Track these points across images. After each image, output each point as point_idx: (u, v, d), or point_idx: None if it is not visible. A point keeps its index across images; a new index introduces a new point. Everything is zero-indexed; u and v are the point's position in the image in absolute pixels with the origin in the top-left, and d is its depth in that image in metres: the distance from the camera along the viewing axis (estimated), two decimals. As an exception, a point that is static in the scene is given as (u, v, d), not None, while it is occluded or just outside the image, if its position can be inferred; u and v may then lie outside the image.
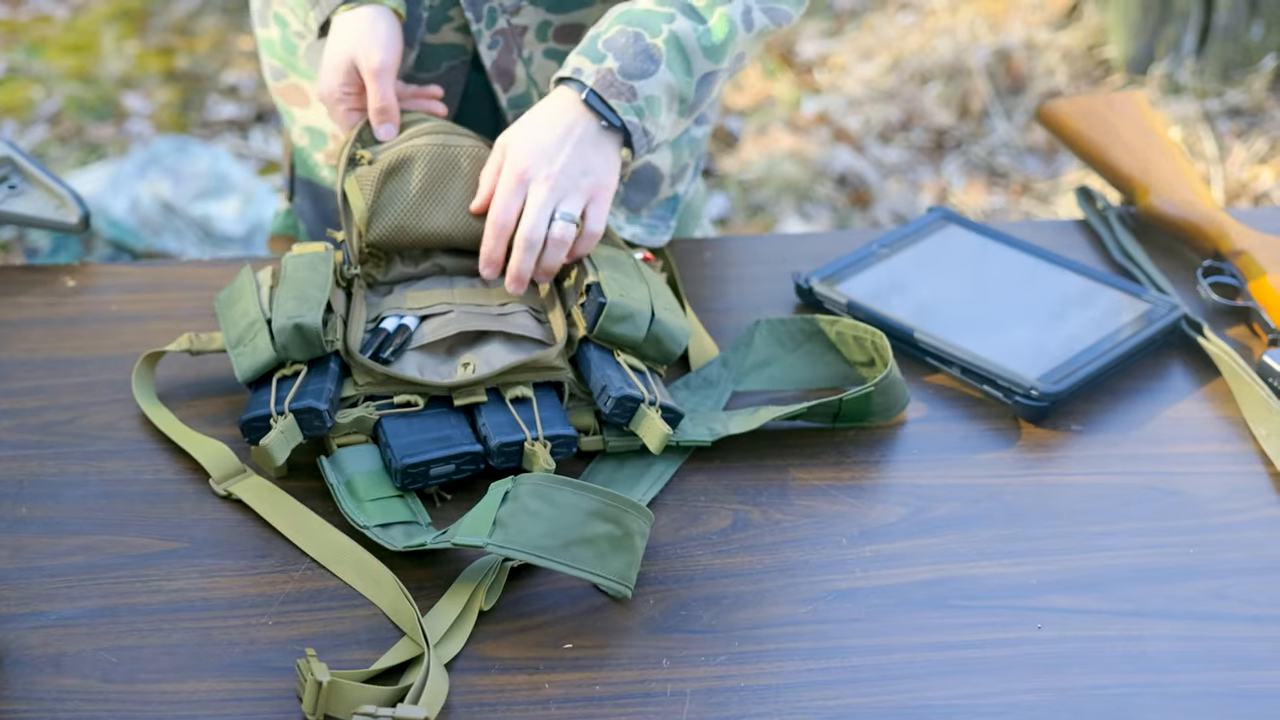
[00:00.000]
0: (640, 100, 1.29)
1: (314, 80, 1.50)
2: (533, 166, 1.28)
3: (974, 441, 1.29)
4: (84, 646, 1.07)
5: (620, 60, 1.29)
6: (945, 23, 3.76)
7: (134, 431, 1.28)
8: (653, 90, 1.30)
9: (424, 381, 1.25)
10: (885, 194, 3.23)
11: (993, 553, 1.18)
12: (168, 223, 3.05)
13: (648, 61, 1.29)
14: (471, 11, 1.40)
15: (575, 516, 1.10)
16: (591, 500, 1.11)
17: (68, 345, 1.39)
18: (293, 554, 1.16)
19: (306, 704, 1.01)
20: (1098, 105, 1.62)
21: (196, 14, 4.05)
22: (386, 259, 1.37)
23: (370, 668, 1.05)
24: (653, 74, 1.29)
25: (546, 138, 1.29)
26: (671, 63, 1.30)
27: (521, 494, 1.10)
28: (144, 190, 3.07)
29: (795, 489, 1.24)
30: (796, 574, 1.16)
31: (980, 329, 1.36)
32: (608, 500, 1.11)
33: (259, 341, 1.26)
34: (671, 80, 1.31)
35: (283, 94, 1.56)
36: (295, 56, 1.51)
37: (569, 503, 1.10)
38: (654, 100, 1.30)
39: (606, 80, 1.28)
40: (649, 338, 1.29)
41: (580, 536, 1.10)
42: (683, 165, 1.55)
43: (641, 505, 1.12)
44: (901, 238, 1.50)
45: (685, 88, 1.32)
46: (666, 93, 1.31)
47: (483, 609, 1.11)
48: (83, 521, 1.19)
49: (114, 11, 4.05)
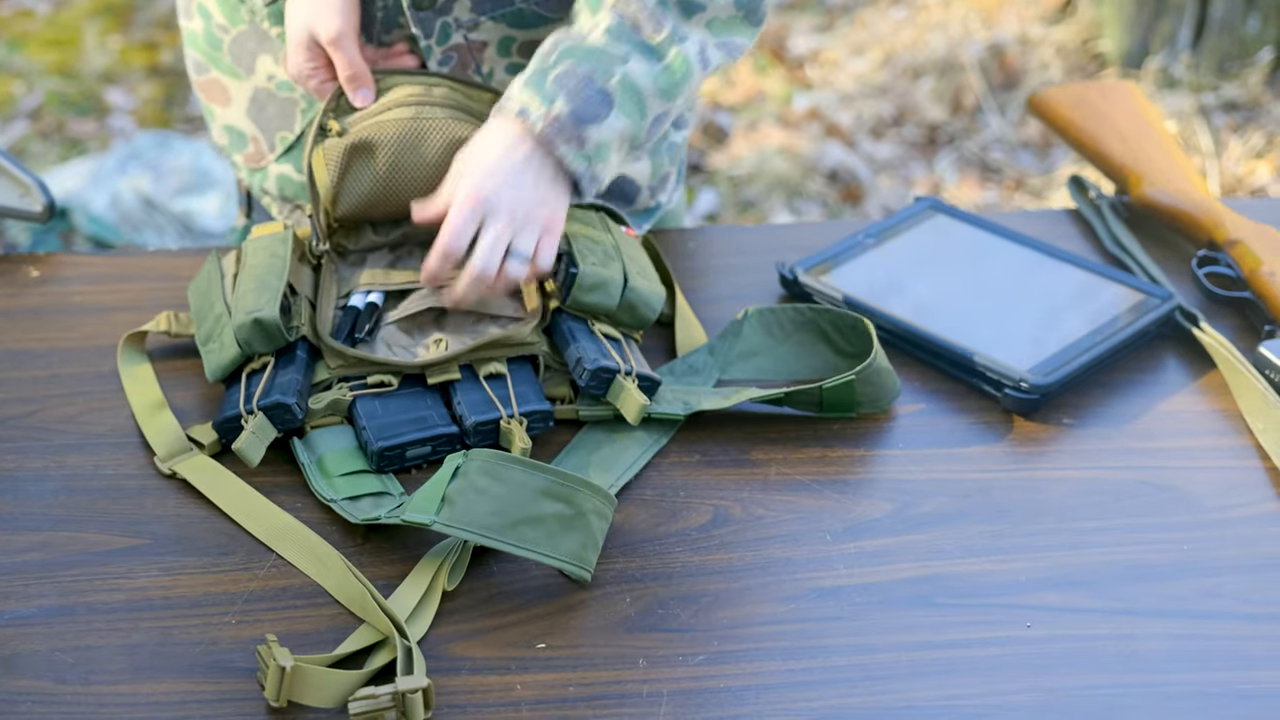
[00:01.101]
0: (590, 148, 1.24)
1: (236, 77, 1.45)
2: (493, 197, 1.23)
3: (962, 435, 1.26)
4: (39, 647, 1.03)
5: (572, 104, 1.23)
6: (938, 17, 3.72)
7: (96, 425, 1.24)
8: (604, 136, 1.24)
9: (397, 361, 1.22)
10: (877, 190, 3.19)
11: (981, 549, 1.14)
12: (148, 218, 3.01)
13: (601, 106, 1.23)
14: (420, 28, 1.35)
15: (523, 495, 1.07)
16: (541, 478, 1.08)
17: (29, 337, 1.35)
18: (257, 551, 1.12)
19: (269, 690, 0.97)
20: (1090, 93, 1.59)
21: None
22: (356, 228, 1.34)
23: (333, 652, 1.02)
24: (605, 119, 1.23)
25: (507, 167, 1.23)
26: (624, 106, 1.24)
27: (470, 471, 1.08)
28: (125, 186, 3.03)
29: (778, 483, 1.20)
30: (778, 571, 1.12)
31: (970, 320, 1.33)
32: (558, 479, 1.08)
33: (225, 337, 1.23)
34: (624, 125, 1.25)
35: (204, 89, 1.50)
36: (219, 51, 1.45)
37: (517, 480, 1.07)
38: (605, 146, 1.25)
39: (556, 126, 1.22)
40: (623, 305, 1.26)
41: (527, 515, 1.07)
42: (663, 175, 1.50)
43: (597, 485, 1.09)
44: (889, 228, 1.46)
45: (638, 131, 1.27)
46: (618, 137, 1.25)
47: (446, 590, 1.08)
48: (40, 518, 1.15)
49: (97, 6, 4.02)
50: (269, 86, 1.43)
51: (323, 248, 1.32)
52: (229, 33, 1.43)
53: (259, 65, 1.42)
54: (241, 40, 1.43)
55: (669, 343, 1.36)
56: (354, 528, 1.14)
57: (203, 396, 1.28)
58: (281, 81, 1.42)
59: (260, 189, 1.49)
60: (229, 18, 1.42)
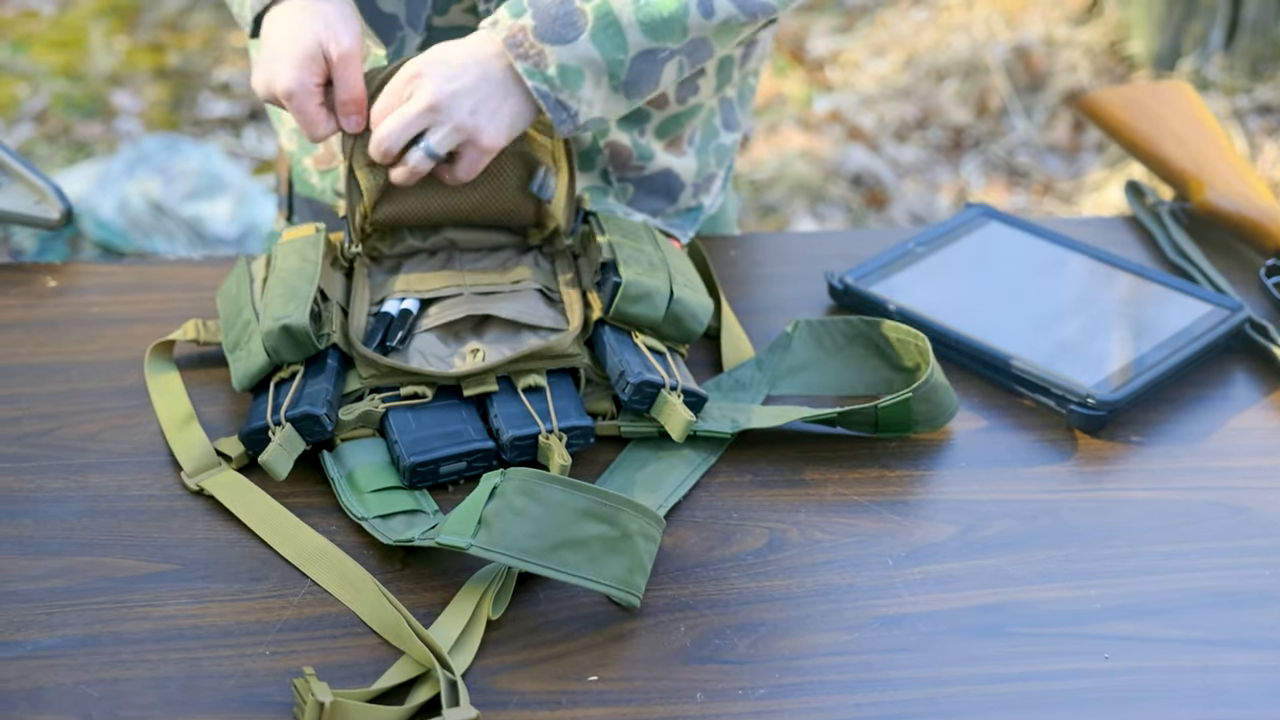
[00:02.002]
0: (551, 69, 1.18)
1: None
2: (427, 74, 1.18)
3: (1026, 454, 1.20)
4: (63, 679, 0.98)
5: (538, 20, 1.18)
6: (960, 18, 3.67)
7: (118, 443, 1.19)
8: (567, 60, 1.18)
9: (431, 372, 1.17)
10: (902, 194, 3.13)
11: (1051, 575, 1.08)
12: (158, 223, 2.96)
13: (567, 28, 1.18)
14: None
15: (563, 516, 1.01)
16: (582, 498, 1.02)
17: (47, 350, 1.30)
18: (291, 577, 1.06)
19: None
20: (1142, 95, 1.53)
21: (187, 10, 3.96)
22: (393, 232, 1.29)
23: (372, 686, 0.96)
24: (571, 41, 1.18)
25: (456, 59, 1.19)
26: (597, 34, 1.19)
27: (508, 491, 1.02)
28: (133, 190, 2.97)
29: (835, 505, 1.14)
30: (839, 598, 1.06)
31: (1029, 333, 1.27)
32: (600, 499, 1.02)
33: (253, 345, 1.18)
34: (594, 54, 1.19)
35: None
36: None
37: (557, 501, 1.02)
38: (570, 71, 1.19)
39: (517, 39, 1.18)
40: (668, 317, 1.21)
41: (569, 538, 1.01)
42: (708, 174, 1.44)
43: (643, 505, 1.04)
44: (940, 236, 1.41)
45: (615, 64, 1.20)
46: (589, 66, 1.19)
47: (490, 619, 1.03)
48: (63, 542, 1.09)
49: (102, 7, 3.96)
50: None
51: (355, 250, 1.27)
52: None
53: None
54: None
55: (714, 356, 1.30)
56: (391, 551, 1.09)
57: (232, 408, 1.22)
58: None
59: (333, 190, 1.44)
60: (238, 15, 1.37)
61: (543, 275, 1.27)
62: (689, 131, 1.40)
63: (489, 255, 1.29)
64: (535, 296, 1.24)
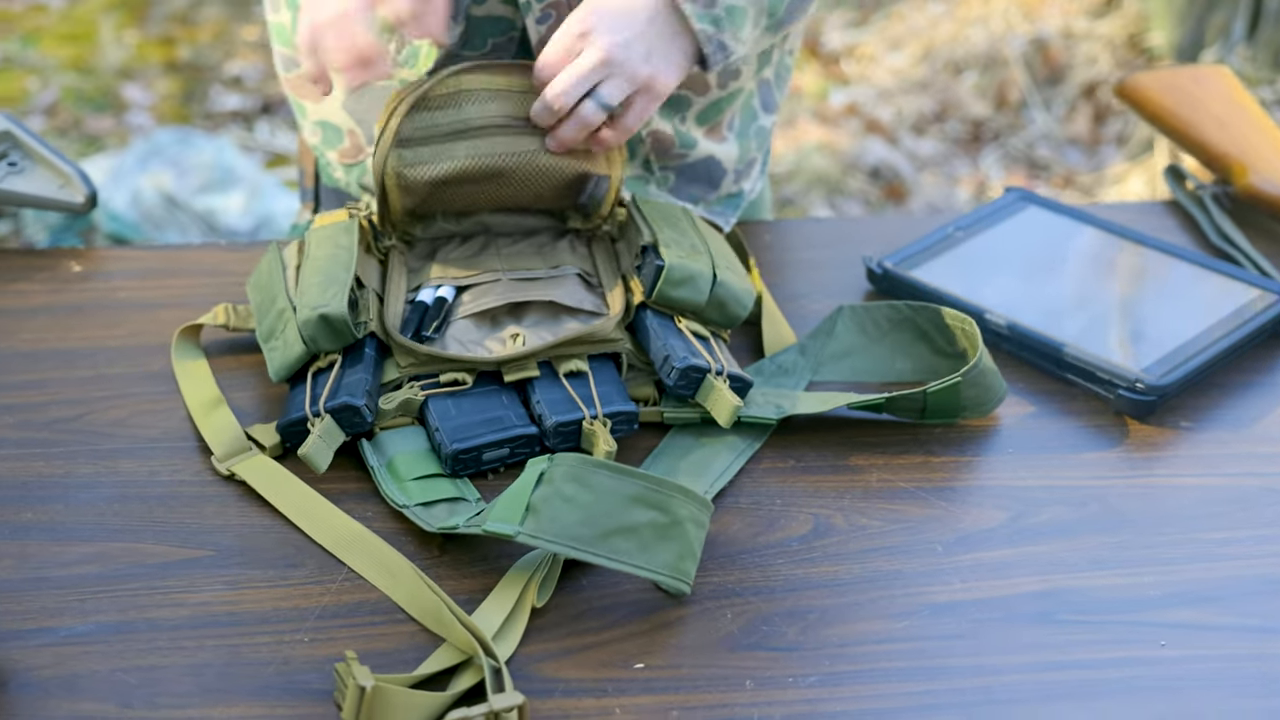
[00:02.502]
0: (719, 8, 1.17)
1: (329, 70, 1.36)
2: (597, 29, 1.16)
3: (1073, 440, 1.18)
4: (98, 666, 0.95)
5: None
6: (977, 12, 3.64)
7: (148, 428, 1.16)
8: (734, 0, 1.18)
9: (471, 358, 1.15)
10: (920, 187, 3.11)
11: (1104, 561, 1.06)
12: (171, 216, 2.93)
13: None
14: None
15: (614, 502, 0.99)
16: (632, 484, 0.99)
17: (74, 335, 1.27)
18: (328, 563, 1.04)
19: (348, 712, 0.89)
20: (1182, 79, 1.51)
21: (198, 3, 3.94)
22: (426, 216, 1.27)
23: (414, 672, 0.94)
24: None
25: (623, 6, 1.17)
26: None
27: (556, 477, 0.99)
28: (145, 183, 2.95)
29: (880, 491, 1.12)
30: (888, 585, 1.04)
31: (1074, 317, 1.25)
32: (651, 485, 0.99)
33: (289, 334, 1.15)
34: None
35: (294, 86, 1.42)
36: None
37: (607, 487, 0.99)
38: (736, 11, 1.18)
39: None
40: (711, 301, 1.18)
41: (619, 525, 0.98)
42: (749, 159, 1.42)
43: (692, 490, 1.01)
44: (979, 220, 1.38)
45: (776, 2, 1.20)
46: (753, 5, 1.18)
47: (535, 606, 1.00)
48: (94, 528, 1.07)
49: (112, 1, 3.94)
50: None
51: (389, 242, 1.24)
52: None
53: None
54: None
55: (754, 342, 1.28)
56: (429, 538, 1.06)
57: (263, 396, 1.20)
58: None
59: (358, 184, 1.41)
60: None
61: (580, 259, 1.25)
62: (728, 117, 1.38)
63: (525, 239, 1.27)
64: (575, 281, 1.22)
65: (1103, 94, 3.36)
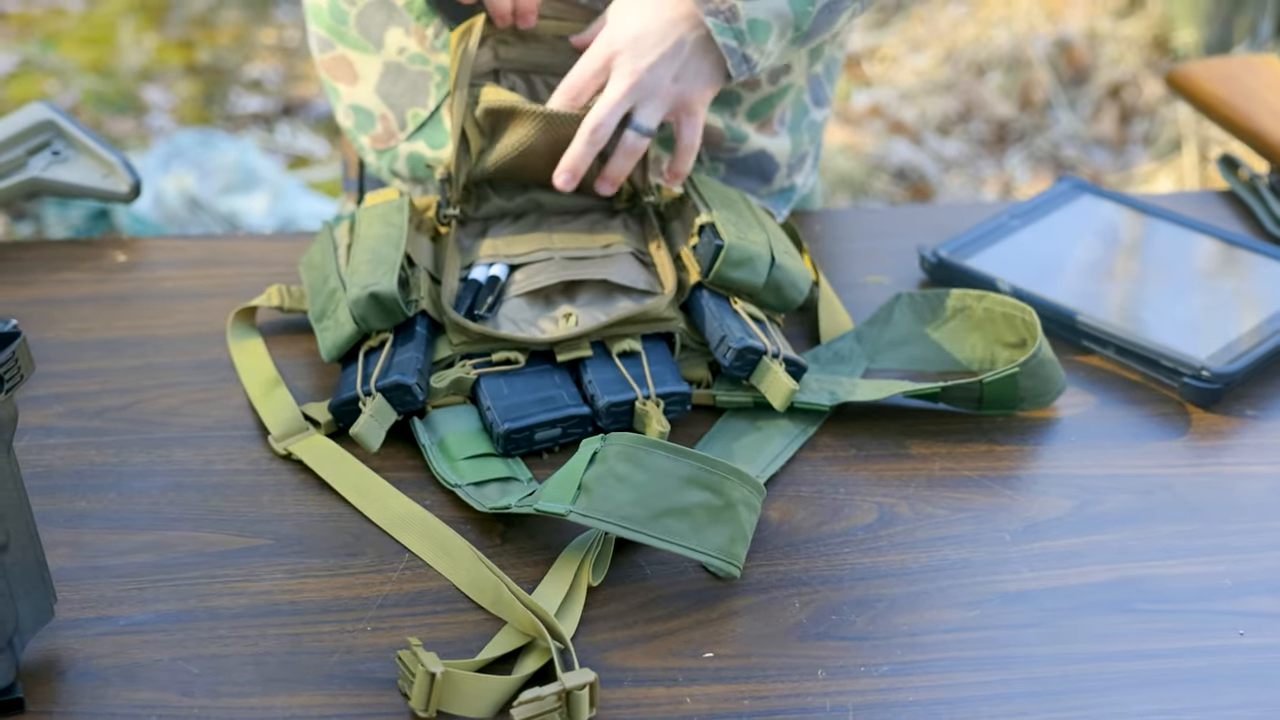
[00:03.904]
0: (742, 23, 1.16)
1: (364, 52, 1.35)
2: (623, 53, 1.17)
3: (1137, 428, 1.16)
4: (159, 655, 0.94)
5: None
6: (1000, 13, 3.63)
7: (200, 417, 1.15)
8: (759, 14, 1.17)
9: (524, 338, 1.13)
10: (946, 188, 3.09)
11: (1177, 550, 1.04)
12: (194, 217, 2.92)
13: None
14: None
15: (667, 483, 0.97)
16: (686, 465, 0.98)
17: (121, 324, 1.26)
18: (388, 552, 1.03)
19: (416, 700, 0.88)
20: (1234, 68, 1.49)
21: (217, 6, 3.93)
22: (478, 193, 1.25)
23: (478, 656, 0.93)
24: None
25: (650, 25, 1.17)
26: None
27: (610, 456, 0.98)
28: (168, 184, 2.94)
29: (944, 479, 1.11)
30: (957, 574, 1.02)
31: (1135, 305, 1.23)
32: (705, 465, 0.98)
33: (340, 314, 1.14)
34: (784, 7, 1.17)
35: (328, 68, 1.41)
36: (345, 25, 1.36)
37: (661, 468, 0.97)
38: (759, 25, 1.17)
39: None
40: (769, 284, 1.17)
41: (673, 506, 0.97)
42: (801, 153, 1.40)
43: (746, 473, 0.99)
44: (1033, 208, 1.37)
45: (801, 16, 1.19)
46: (778, 19, 1.18)
47: (591, 585, 0.99)
48: (150, 516, 1.05)
49: (131, 4, 3.93)
50: (400, 60, 1.34)
51: (452, 212, 1.23)
52: (355, 4, 1.34)
53: (388, 38, 1.33)
54: (369, 11, 1.33)
55: (809, 329, 1.26)
56: (490, 525, 1.05)
57: (318, 381, 1.19)
58: (414, 54, 1.33)
59: (389, 170, 1.40)
60: None
61: (633, 238, 1.23)
62: (780, 111, 1.36)
63: (577, 218, 1.26)
64: (629, 259, 1.20)
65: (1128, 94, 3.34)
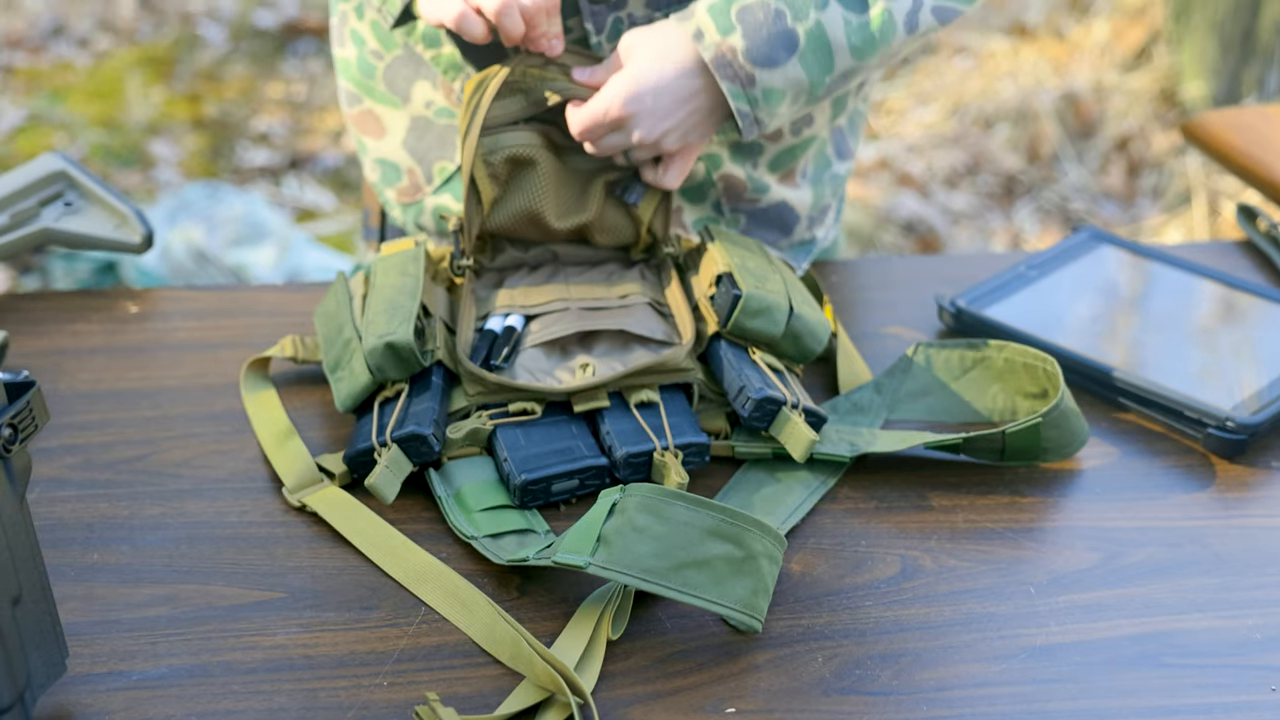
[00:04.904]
0: (758, 90, 1.16)
1: (392, 106, 1.35)
2: (638, 117, 1.18)
3: (1162, 480, 1.15)
4: (173, 710, 0.92)
5: (749, 40, 1.15)
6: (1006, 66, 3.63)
7: (214, 469, 1.14)
8: (775, 83, 1.17)
9: (541, 388, 1.12)
10: (955, 240, 3.09)
11: (1205, 604, 1.03)
12: (201, 270, 2.91)
13: (780, 49, 1.16)
14: (593, 22, 1.24)
15: (688, 535, 0.95)
16: (706, 516, 0.96)
17: (134, 375, 1.25)
18: (404, 605, 1.01)
19: None
20: (1250, 117, 1.49)
21: (224, 61, 3.94)
22: (494, 243, 1.25)
23: (495, 713, 0.91)
24: (781, 64, 1.16)
25: (666, 82, 1.17)
26: (807, 57, 1.16)
27: (629, 507, 0.96)
28: (175, 238, 2.93)
29: (967, 532, 1.09)
30: (982, 627, 1.01)
31: (1156, 355, 1.22)
32: (726, 516, 0.96)
33: (355, 364, 1.13)
34: (801, 77, 1.17)
35: (356, 122, 1.41)
36: (372, 79, 1.36)
37: (681, 519, 0.96)
38: (774, 94, 1.17)
39: (725, 59, 1.16)
40: (787, 333, 1.16)
41: (693, 558, 0.95)
42: (823, 206, 1.40)
43: (767, 525, 0.98)
44: (1051, 259, 1.36)
45: (817, 85, 1.19)
46: (792, 87, 1.18)
47: (610, 638, 0.97)
48: (162, 569, 1.04)
49: (139, 58, 3.94)
50: (427, 114, 1.33)
51: (466, 262, 1.22)
52: (383, 59, 1.34)
53: (415, 92, 1.33)
54: (396, 66, 1.33)
55: (827, 380, 1.25)
56: (507, 577, 1.03)
57: (332, 432, 1.17)
58: (440, 108, 1.32)
59: (415, 224, 1.39)
60: (383, 43, 1.33)
61: (650, 288, 1.22)
62: (802, 164, 1.36)
63: (593, 268, 1.25)
64: (646, 309, 1.19)
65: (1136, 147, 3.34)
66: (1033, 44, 3.78)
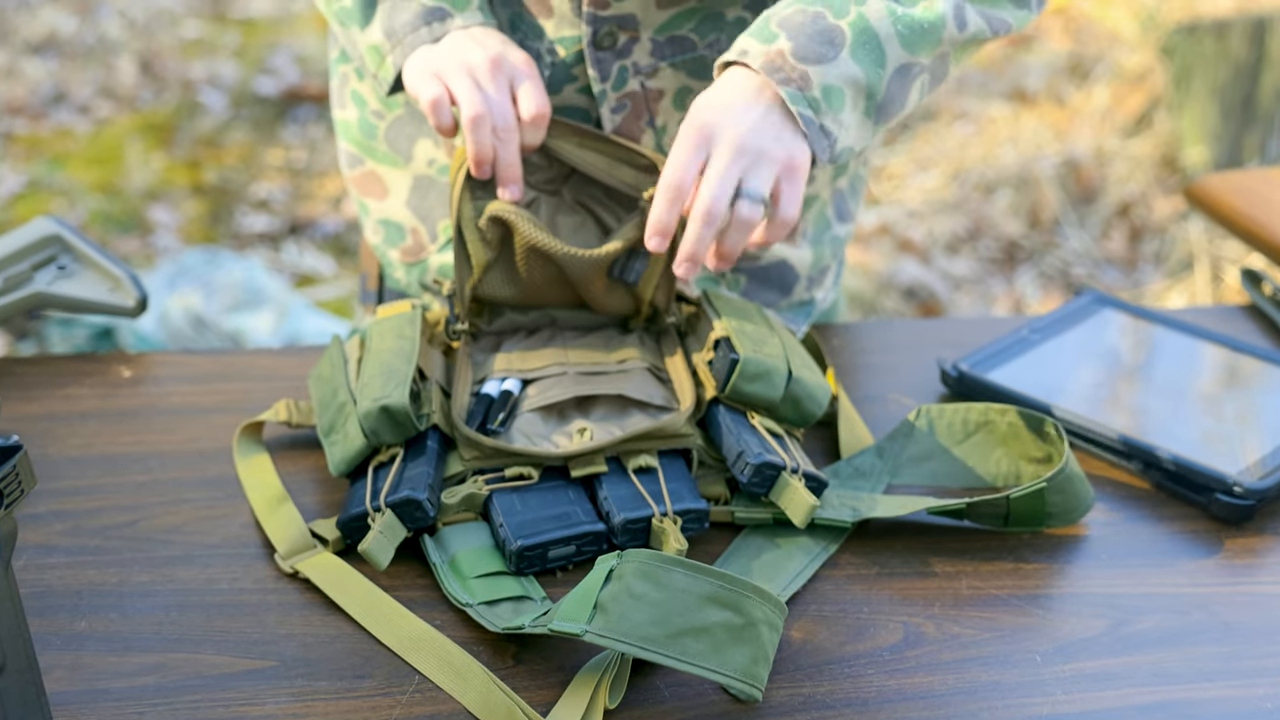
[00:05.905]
0: (816, 90, 1.11)
1: (394, 165, 1.35)
2: (717, 123, 1.11)
3: (1168, 546, 1.13)
4: (159, 783, 0.90)
5: (794, 41, 1.11)
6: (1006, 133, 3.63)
7: (205, 535, 1.12)
8: (831, 80, 1.12)
9: (538, 452, 1.11)
10: (956, 306, 3.08)
11: (1215, 673, 1.01)
12: (199, 336, 2.90)
13: (826, 45, 1.12)
14: (597, 70, 1.24)
15: (686, 601, 0.93)
16: (705, 583, 0.94)
17: (125, 440, 1.23)
18: (397, 674, 0.99)
19: None
20: (1253, 180, 1.48)
21: (224, 127, 3.95)
22: (492, 307, 1.23)
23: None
24: (831, 60, 1.11)
25: (734, 99, 1.11)
26: (856, 50, 1.12)
27: (626, 574, 0.94)
28: (173, 303, 2.93)
29: (971, 599, 1.07)
30: (987, 696, 0.99)
31: (1160, 420, 1.21)
32: (725, 583, 0.94)
33: (350, 427, 1.11)
34: (856, 71, 1.12)
35: (358, 183, 1.40)
36: (374, 140, 1.35)
37: (679, 586, 0.94)
38: (833, 92, 1.12)
39: (775, 63, 1.11)
40: (786, 397, 1.14)
41: (692, 625, 0.93)
42: (823, 267, 1.38)
43: (768, 591, 0.96)
44: (1054, 322, 1.35)
45: (874, 81, 1.13)
46: (850, 86, 1.12)
47: (608, 708, 0.95)
48: (151, 637, 1.02)
49: (139, 125, 3.95)
50: (430, 172, 1.33)
51: (460, 328, 1.21)
52: (385, 119, 1.33)
53: (418, 150, 1.32)
54: (398, 125, 1.33)
55: (829, 444, 1.23)
56: (503, 646, 1.01)
57: (325, 497, 1.16)
58: (443, 166, 1.32)
59: (419, 284, 1.38)
60: (384, 103, 1.33)
61: (649, 353, 1.21)
62: (803, 224, 1.35)
63: (591, 333, 1.24)
64: (644, 374, 1.18)
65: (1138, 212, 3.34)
66: (1033, 110, 3.78)
